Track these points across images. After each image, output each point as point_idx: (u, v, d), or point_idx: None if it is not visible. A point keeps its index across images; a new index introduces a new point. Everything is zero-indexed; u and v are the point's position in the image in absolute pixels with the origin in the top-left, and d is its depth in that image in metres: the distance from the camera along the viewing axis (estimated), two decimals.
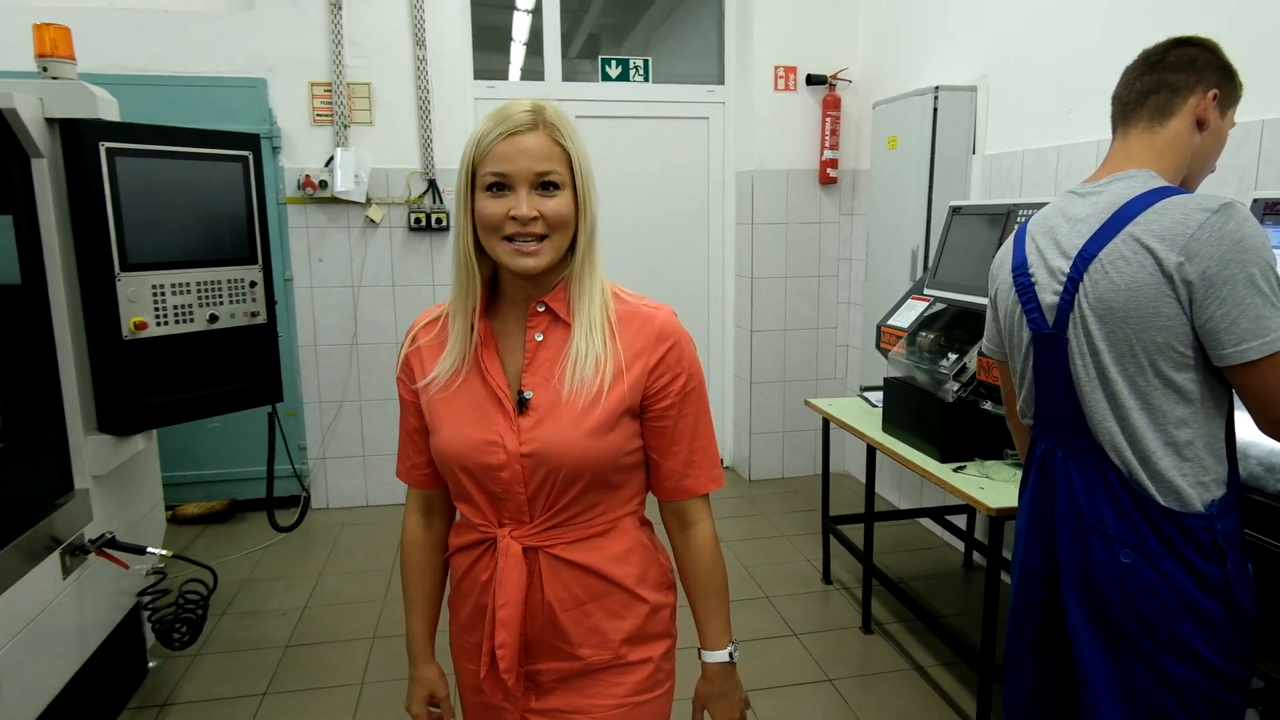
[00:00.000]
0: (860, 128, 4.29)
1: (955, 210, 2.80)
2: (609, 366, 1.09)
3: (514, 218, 1.04)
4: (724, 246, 4.61)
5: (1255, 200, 1.71)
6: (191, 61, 3.72)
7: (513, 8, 4.41)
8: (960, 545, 3.54)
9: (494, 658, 1.12)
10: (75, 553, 2.21)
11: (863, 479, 4.14)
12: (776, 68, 4.23)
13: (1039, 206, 2.09)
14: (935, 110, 3.31)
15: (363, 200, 3.92)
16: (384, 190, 3.97)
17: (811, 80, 4.23)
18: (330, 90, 3.87)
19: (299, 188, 3.86)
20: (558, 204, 1.05)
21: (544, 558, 1.12)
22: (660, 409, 1.13)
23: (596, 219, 1.11)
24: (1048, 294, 1.34)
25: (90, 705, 2.34)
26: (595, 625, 1.14)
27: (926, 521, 3.83)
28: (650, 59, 4.42)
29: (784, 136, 4.28)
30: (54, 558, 2.12)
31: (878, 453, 2.79)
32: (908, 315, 2.78)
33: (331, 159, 3.86)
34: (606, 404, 1.08)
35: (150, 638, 2.66)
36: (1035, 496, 1.42)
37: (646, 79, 4.43)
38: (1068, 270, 1.29)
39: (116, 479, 2.43)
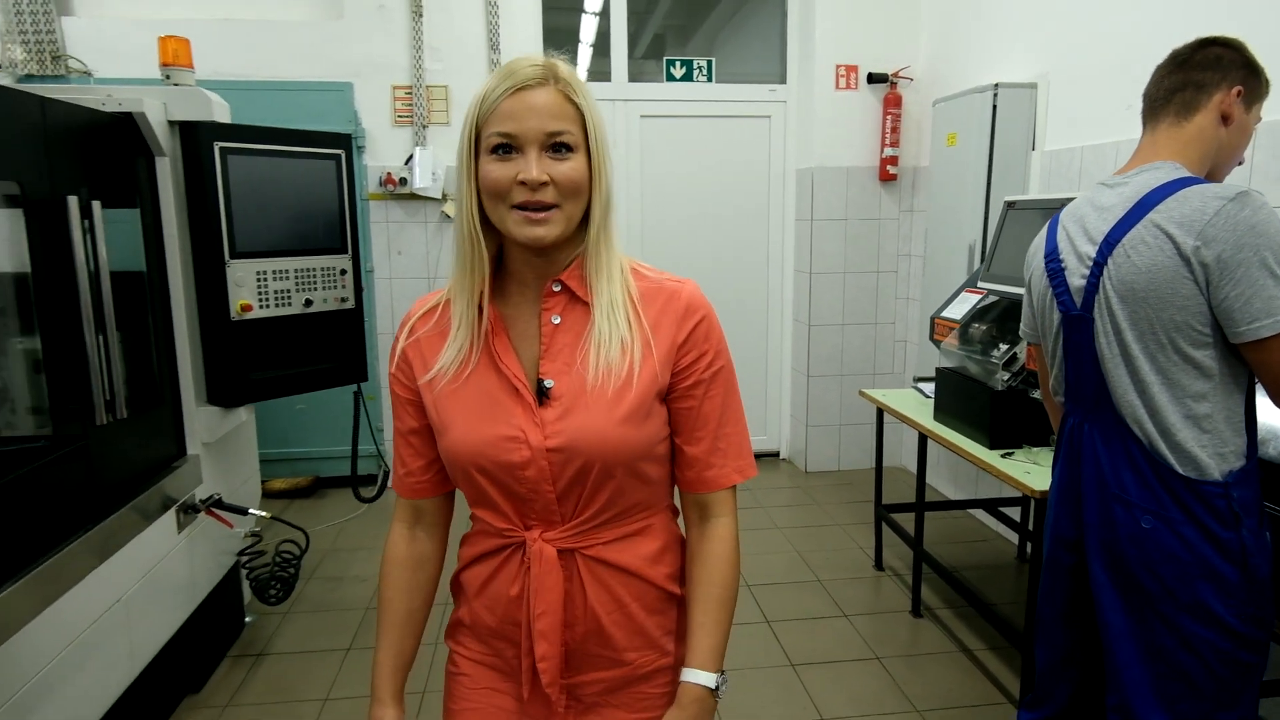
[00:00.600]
0: (921, 125, 4.33)
1: (1010, 205, 2.86)
2: (636, 347, 0.99)
3: (523, 182, 0.93)
4: (783, 242, 4.70)
5: None
6: (286, 67, 4.01)
7: (581, 10, 4.60)
8: (1014, 538, 3.58)
9: (535, 674, 1.03)
10: (188, 511, 2.46)
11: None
12: (838, 67, 4.31)
13: None
14: (994, 107, 3.36)
15: (439, 196, 4.16)
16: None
17: (873, 79, 4.30)
18: (410, 93, 4.11)
19: (380, 184, 4.11)
20: (571, 168, 0.95)
21: (581, 560, 1.03)
22: (685, 388, 1.03)
23: (612, 188, 1.01)
24: (1076, 278, 1.43)
25: (196, 652, 2.59)
26: (640, 626, 1.06)
27: (982, 515, 3.87)
28: (714, 59, 4.54)
29: (844, 134, 4.36)
30: (170, 514, 2.37)
31: (931, 446, 2.87)
32: (961, 307, 2.85)
33: (411, 157, 4.10)
34: (639, 388, 0.98)
35: (247, 594, 2.92)
36: (1065, 468, 1.51)
37: (710, 79, 4.56)
38: (1094, 255, 1.39)
39: (221, 447, 2.68)
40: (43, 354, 1.88)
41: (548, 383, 1.00)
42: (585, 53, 4.73)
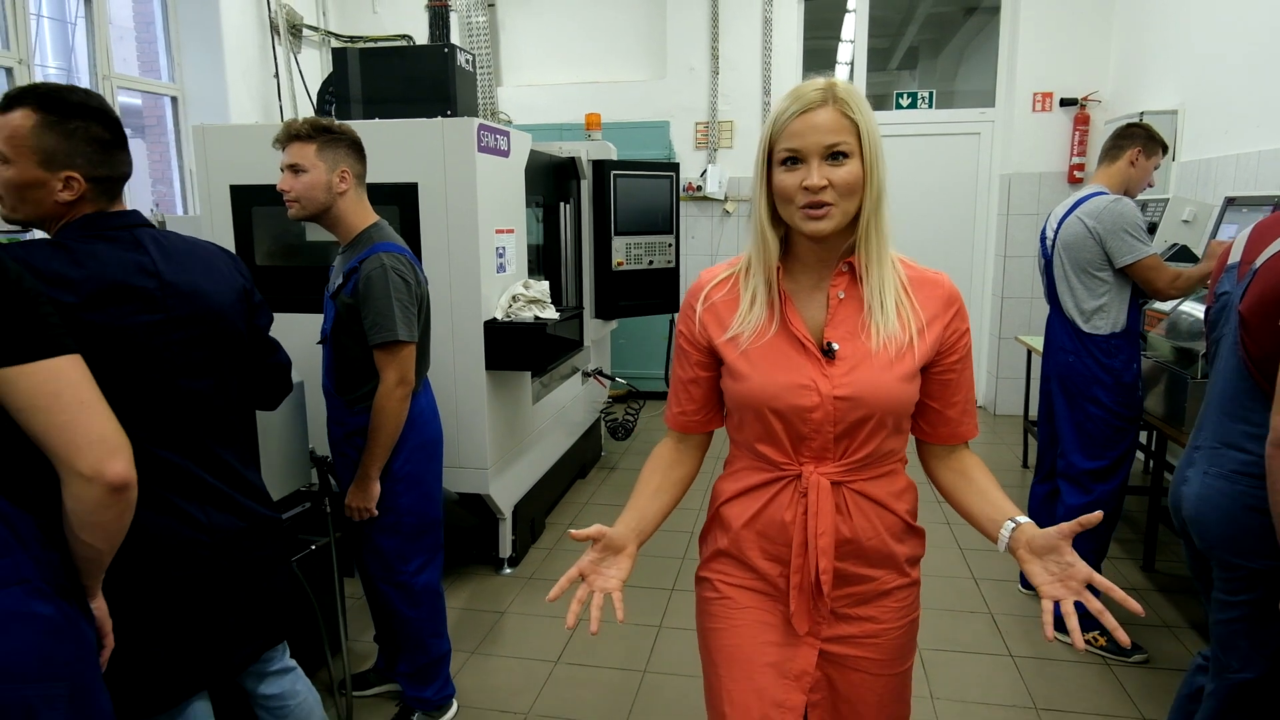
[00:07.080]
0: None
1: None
2: (912, 322, 1.18)
3: (806, 188, 1.10)
4: (987, 232, 5.93)
5: None
6: (626, 112, 6.00)
7: (837, 39, 6.13)
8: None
9: (816, 585, 1.20)
10: (584, 376, 4.45)
11: None
12: (1035, 94, 5.48)
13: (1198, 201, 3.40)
14: None
15: (722, 198, 5.95)
16: (737, 191, 5.96)
17: (1064, 102, 5.42)
18: (707, 127, 5.94)
19: (684, 190, 5.99)
20: (846, 172, 1.11)
21: (846, 491, 1.20)
22: (949, 363, 1.23)
23: (884, 185, 1.15)
24: (1047, 241, 2.83)
25: (574, 466, 4.56)
26: (890, 552, 1.24)
27: None
28: (935, 91, 5.89)
29: (1038, 147, 5.52)
30: (576, 376, 4.36)
31: None
32: None
33: (705, 171, 5.93)
34: (916, 355, 1.18)
35: (604, 434, 4.91)
36: (1045, 335, 2.91)
37: (931, 106, 5.91)
38: (1055, 228, 2.78)
39: (598, 345, 4.66)
40: (548, 284, 3.89)
41: (834, 345, 1.18)
42: (843, 71, 6.25)
